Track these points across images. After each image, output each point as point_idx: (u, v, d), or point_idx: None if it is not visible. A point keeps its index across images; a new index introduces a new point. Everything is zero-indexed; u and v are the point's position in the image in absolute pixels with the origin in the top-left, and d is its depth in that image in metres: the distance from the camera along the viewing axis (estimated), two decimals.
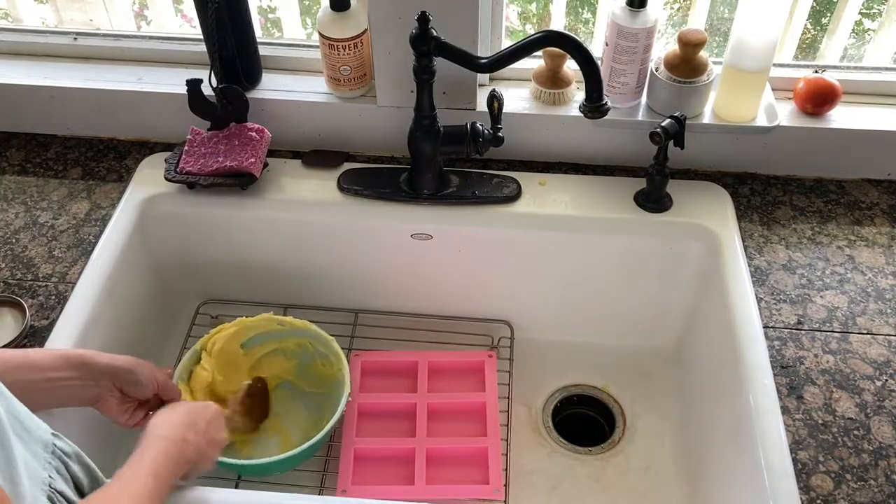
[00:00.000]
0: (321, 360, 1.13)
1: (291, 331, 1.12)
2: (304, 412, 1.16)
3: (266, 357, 1.15)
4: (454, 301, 1.32)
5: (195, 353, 1.06)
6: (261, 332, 1.12)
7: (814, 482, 0.89)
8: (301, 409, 1.16)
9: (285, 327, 1.12)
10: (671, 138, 1.09)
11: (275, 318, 1.11)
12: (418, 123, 1.10)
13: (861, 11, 1.41)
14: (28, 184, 1.24)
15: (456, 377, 1.26)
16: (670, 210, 1.17)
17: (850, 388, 0.98)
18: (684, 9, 1.99)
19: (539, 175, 1.23)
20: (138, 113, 1.27)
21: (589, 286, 1.27)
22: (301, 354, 1.16)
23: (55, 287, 1.09)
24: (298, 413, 1.16)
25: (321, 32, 1.15)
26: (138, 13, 1.66)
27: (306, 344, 1.14)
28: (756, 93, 1.15)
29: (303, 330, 1.12)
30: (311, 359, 1.15)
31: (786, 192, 1.22)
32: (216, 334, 1.08)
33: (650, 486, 1.18)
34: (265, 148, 1.19)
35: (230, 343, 1.09)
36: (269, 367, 1.15)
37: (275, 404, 1.14)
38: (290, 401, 1.16)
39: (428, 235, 1.22)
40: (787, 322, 1.05)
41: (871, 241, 1.15)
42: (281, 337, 1.14)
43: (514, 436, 1.21)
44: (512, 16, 1.97)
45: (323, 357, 1.13)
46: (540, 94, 1.21)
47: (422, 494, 1.10)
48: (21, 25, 1.38)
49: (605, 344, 1.32)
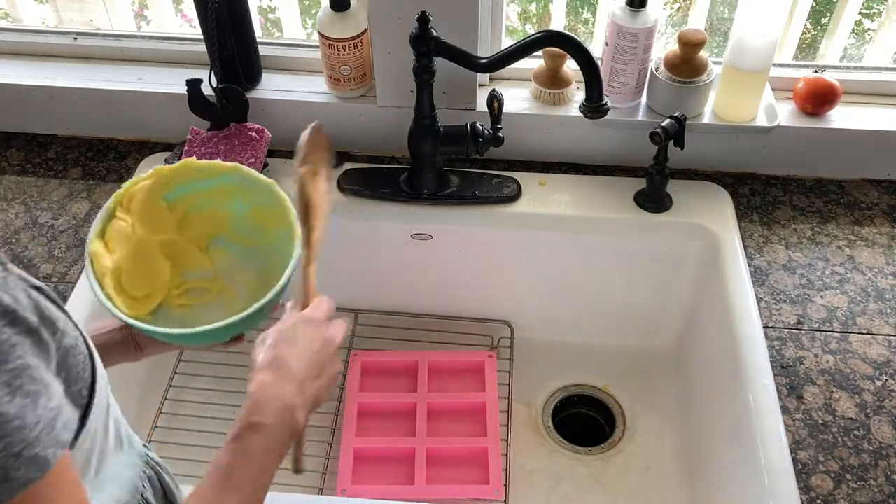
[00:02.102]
0: (260, 208, 0.93)
1: (219, 176, 0.91)
2: (249, 270, 0.95)
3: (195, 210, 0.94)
4: (454, 301, 1.32)
5: (108, 211, 0.86)
6: (184, 181, 0.91)
7: (814, 482, 0.89)
8: (245, 267, 0.95)
9: (208, 173, 0.91)
10: (671, 138, 1.09)
11: (195, 163, 0.90)
12: (418, 123, 1.10)
13: (861, 11, 1.41)
14: (28, 184, 1.24)
15: (456, 377, 1.26)
16: (670, 210, 1.17)
17: (850, 388, 0.98)
18: (684, 9, 1.99)
19: (539, 175, 1.23)
20: (138, 113, 1.27)
21: (589, 286, 1.27)
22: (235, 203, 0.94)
23: (55, 287, 1.09)
24: (243, 271, 0.95)
25: (321, 32, 1.15)
26: (138, 13, 1.66)
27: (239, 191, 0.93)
28: (756, 93, 1.15)
29: (233, 174, 0.90)
30: (247, 208, 0.94)
31: (786, 192, 1.22)
32: (131, 187, 0.87)
33: (650, 486, 1.18)
34: (265, 148, 1.19)
35: (150, 197, 0.89)
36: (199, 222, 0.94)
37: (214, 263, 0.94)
38: (229, 258, 0.95)
39: (428, 235, 1.22)
40: (787, 322, 1.05)
41: (871, 241, 1.15)
42: (208, 186, 0.92)
43: (514, 436, 1.21)
44: (512, 15, 1.97)
45: (263, 205, 0.92)
46: (540, 94, 1.21)
47: (422, 494, 1.10)
48: (21, 25, 1.38)
49: (605, 344, 1.32)
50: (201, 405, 1.21)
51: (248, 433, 0.67)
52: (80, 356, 0.53)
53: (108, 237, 0.84)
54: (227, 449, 0.66)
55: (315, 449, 1.18)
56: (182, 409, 1.22)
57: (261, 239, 0.94)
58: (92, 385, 0.55)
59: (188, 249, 0.92)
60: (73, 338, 0.53)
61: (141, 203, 0.87)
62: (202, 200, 0.92)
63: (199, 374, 1.24)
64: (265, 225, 0.92)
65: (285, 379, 0.71)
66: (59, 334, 0.51)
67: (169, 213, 0.92)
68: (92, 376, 0.55)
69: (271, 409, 0.68)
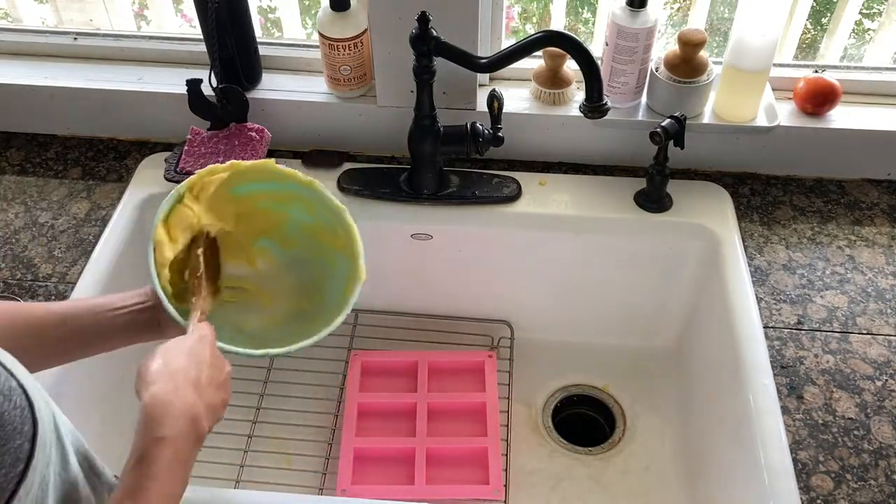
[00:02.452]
0: (323, 224, 0.91)
1: (291, 185, 0.90)
2: (289, 278, 0.94)
3: (259, 209, 0.92)
4: (454, 301, 1.32)
5: (177, 195, 0.85)
6: (257, 179, 0.90)
7: (814, 482, 0.89)
8: (286, 275, 0.94)
9: (282, 178, 0.90)
10: (671, 138, 1.09)
11: (274, 168, 0.89)
12: (418, 123, 1.10)
13: (861, 11, 1.41)
14: (28, 184, 1.24)
15: (456, 377, 1.26)
16: (670, 210, 1.17)
17: (850, 388, 0.98)
18: (684, 9, 1.99)
19: (539, 175, 1.23)
20: (138, 113, 1.27)
21: (589, 286, 1.27)
22: (296, 210, 0.92)
23: (55, 287, 1.09)
24: (283, 278, 0.93)
25: (321, 32, 1.15)
26: (138, 13, 1.66)
27: (306, 203, 0.91)
28: (756, 93, 1.15)
29: (305, 187, 0.89)
30: (308, 219, 0.92)
31: (786, 192, 1.22)
32: (207, 176, 0.86)
33: (650, 486, 1.18)
34: (265, 148, 1.19)
35: (221, 188, 0.88)
36: (258, 220, 0.93)
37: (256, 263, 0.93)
38: (273, 261, 0.94)
39: (428, 235, 1.22)
40: (787, 322, 1.05)
41: (871, 241, 1.15)
42: (279, 189, 0.91)
43: (514, 436, 1.21)
44: (514, 15, 1.97)
45: (325, 223, 0.91)
46: (540, 94, 1.21)
47: (422, 494, 1.10)
48: (21, 25, 1.38)
49: (605, 344, 1.32)
50: None
51: (152, 450, 0.62)
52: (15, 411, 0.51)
53: (172, 223, 0.84)
54: (133, 470, 0.62)
55: (315, 449, 1.18)
56: None
57: (312, 252, 0.92)
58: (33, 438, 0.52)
59: (236, 244, 0.91)
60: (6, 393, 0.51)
61: (211, 195, 0.86)
62: (265, 200, 0.91)
63: None
64: (321, 241, 0.91)
65: (181, 387, 0.66)
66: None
67: (232, 204, 0.90)
68: (33, 429, 0.53)
69: (172, 419, 0.64)
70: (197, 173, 0.85)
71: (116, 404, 1.18)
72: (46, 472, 0.55)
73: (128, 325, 0.79)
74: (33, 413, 0.53)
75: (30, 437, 0.52)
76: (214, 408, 0.70)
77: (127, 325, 0.79)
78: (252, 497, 0.90)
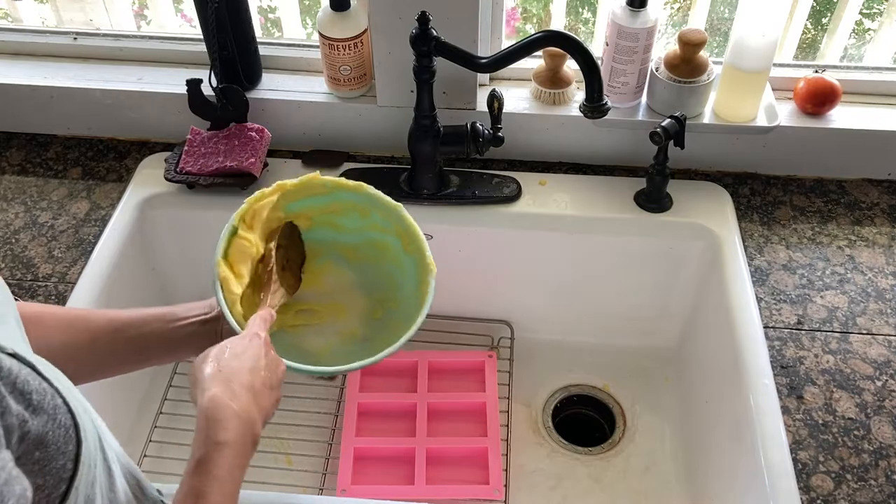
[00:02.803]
0: (380, 229, 0.90)
1: (340, 194, 0.88)
2: (358, 290, 0.92)
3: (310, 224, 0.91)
4: (454, 301, 1.32)
5: (230, 229, 0.82)
6: (305, 195, 0.88)
7: (814, 482, 0.89)
8: (354, 286, 0.92)
9: (331, 188, 0.88)
10: (671, 138, 1.09)
11: (320, 180, 0.87)
12: (418, 123, 1.10)
13: (861, 11, 1.41)
14: (28, 184, 1.24)
15: (456, 377, 1.26)
16: (670, 210, 1.17)
17: (851, 388, 0.98)
18: (684, 9, 1.99)
19: (539, 175, 1.23)
20: (138, 113, 1.27)
21: (589, 286, 1.27)
22: (350, 219, 0.91)
23: (55, 287, 1.09)
24: (351, 291, 0.92)
25: (321, 32, 1.15)
26: (138, 13, 1.66)
27: (360, 210, 0.90)
28: (756, 93, 1.15)
29: (354, 192, 0.88)
30: (363, 224, 0.91)
31: (786, 192, 1.22)
32: (255, 203, 0.84)
33: (650, 486, 1.18)
34: (265, 148, 1.19)
35: (273, 212, 0.86)
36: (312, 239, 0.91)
37: (323, 281, 0.91)
38: (338, 275, 0.92)
39: (428, 235, 1.21)
40: (787, 322, 1.05)
41: (872, 241, 1.15)
42: (330, 202, 0.89)
43: (514, 436, 1.21)
44: (518, 14, 1.97)
45: (383, 225, 0.90)
46: (540, 94, 1.21)
47: (422, 494, 1.10)
48: (21, 25, 1.38)
49: (605, 344, 1.32)
50: None
51: (213, 453, 0.63)
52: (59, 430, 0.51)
53: (232, 258, 0.81)
54: (195, 473, 0.62)
55: (315, 449, 1.18)
56: (181, 408, 1.22)
57: (375, 258, 0.91)
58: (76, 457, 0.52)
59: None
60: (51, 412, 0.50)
61: (264, 222, 0.84)
62: (319, 214, 0.89)
63: None
64: (380, 247, 0.90)
65: (238, 392, 0.66)
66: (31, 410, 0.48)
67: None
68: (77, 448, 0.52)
69: (231, 424, 0.64)
70: (246, 201, 0.83)
71: (123, 405, 1.18)
72: (91, 492, 0.55)
73: (190, 337, 0.79)
74: (77, 432, 0.52)
75: (73, 457, 0.51)
76: (267, 410, 0.70)
77: (189, 337, 0.79)
78: (252, 497, 0.90)
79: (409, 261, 0.87)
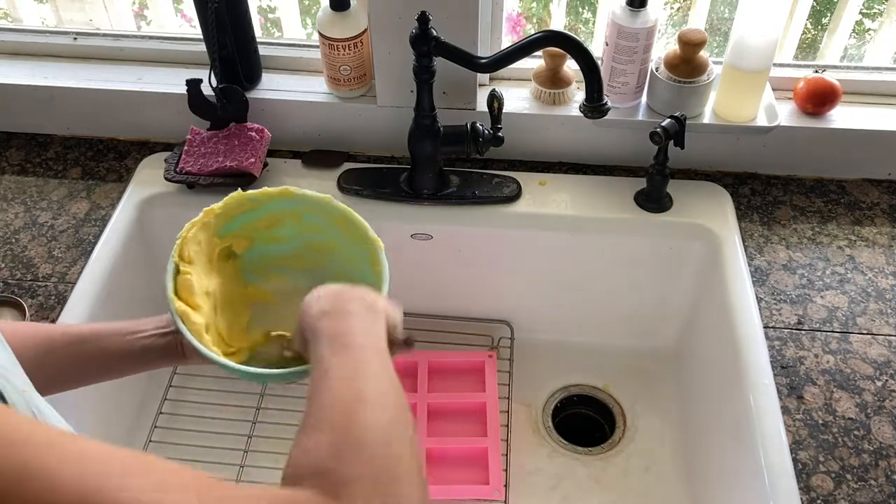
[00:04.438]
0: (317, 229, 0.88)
1: (270, 204, 0.86)
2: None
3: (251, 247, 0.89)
4: (454, 301, 1.32)
5: (173, 269, 0.81)
6: (234, 215, 0.86)
7: (814, 482, 0.89)
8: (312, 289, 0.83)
9: (258, 202, 0.86)
10: (671, 138, 1.09)
11: (245, 195, 0.85)
12: (418, 123, 1.10)
13: (861, 11, 1.41)
14: (28, 184, 1.24)
15: (456, 377, 1.26)
16: (670, 210, 1.17)
17: (851, 388, 0.98)
18: (684, 9, 1.99)
19: (539, 175, 1.23)
20: (138, 113, 1.27)
21: (589, 286, 1.26)
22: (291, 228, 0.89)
23: (55, 287, 1.09)
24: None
25: (321, 32, 1.15)
26: (138, 13, 1.66)
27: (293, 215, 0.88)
28: (756, 93, 1.15)
29: (282, 198, 0.85)
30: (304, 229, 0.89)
31: (786, 192, 1.22)
32: (186, 234, 0.83)
33: (650, 486, 1.18)
34: (265, 148, 1.19)
35: (207, 238, 0.85)
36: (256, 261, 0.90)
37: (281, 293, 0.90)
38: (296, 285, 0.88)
39: (428, 235, 1.22)
40: (787, 322, 1.05)
41: (872, 241, 1.15)
42: (262, 214, 0.87)
43: (514, 436, 1.21)
44: (524, 21, 1.97)
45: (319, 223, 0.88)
46: (540, 94, 1.21)
47: None
48: (21, 25, 1.37)
49: (606, 344, 1.32)
50: (200, 405, 1.21)
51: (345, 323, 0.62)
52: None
53: (183, 294, 0.80)
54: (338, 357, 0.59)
55: None
56: (181, 408, 1.22)
57: (320, 259, 0.89)
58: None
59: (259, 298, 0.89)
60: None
61: (204, 252, 0.84)
62: (255, 231, 0.88)
63: (198, 374, 1.23)
64: (320, 246, 0.89)
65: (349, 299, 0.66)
66: None
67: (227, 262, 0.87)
68: None
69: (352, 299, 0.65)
70: (178, 236, 0.82)
71: (116, 403, 1.18)
72: None
73: (148, 349, 0.79)
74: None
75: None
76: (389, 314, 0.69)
77: (147, 349, 0.79)
78: None
79: (355, 248, 0.86)
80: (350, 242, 0.87)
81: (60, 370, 0.77)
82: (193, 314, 0.78)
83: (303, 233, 0.89)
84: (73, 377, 0.80)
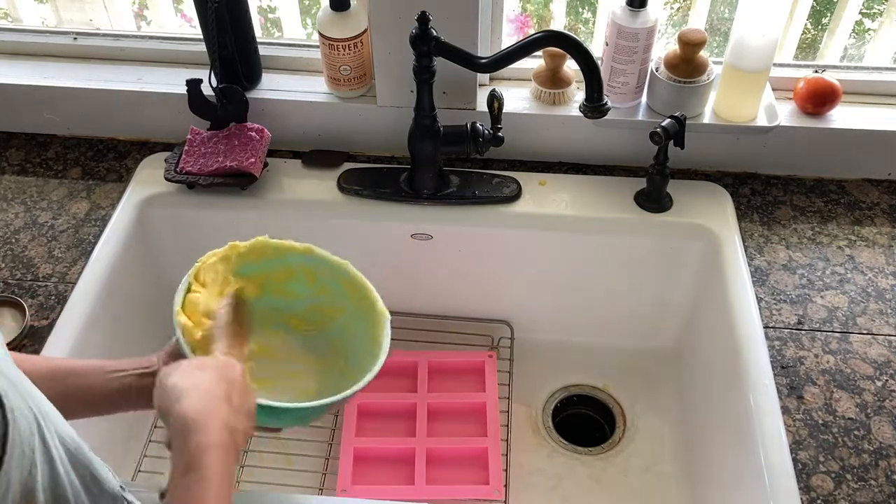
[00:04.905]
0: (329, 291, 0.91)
1: (291, 256, 0.89)
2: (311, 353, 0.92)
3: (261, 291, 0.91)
4: (454, 301, 1.32)
5: (186, 286, 0.85)
6: (257, 259, 0.89)
7: (814, 482, 0.89)
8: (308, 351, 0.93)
9: (280, 253, 0.89)
10: (671, 138, 1.09)
11: (270, 244, 0.88)
12: (418, 123, 1.10)
13: (861, 11, 1.41)
14: (28, 184, 1.24)
15: (456, 377, 1.26)
16: (670, 210, 1.17)
17: (851, 388, 0.98)
18: (684, 9, 1.99)
19: (539, 175, 1.23)
20: (138, 113, 1.27)
21: (589, 286, 1.26)
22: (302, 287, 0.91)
23: (55, 287, 1.09)
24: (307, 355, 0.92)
25: (321, 32, 1.15)
26: (138, 13, 1.66)
27: (308, 273, 0.91)
28: (756, 93, 1.15)
29: (303, 255, 0.89)
30: (316, 290, 0.91)
31: (786, 192, 1.22)
32: (204, 262, 0.86)
33: (650, 486, 1.18)
34: (265, 148, 1.19)
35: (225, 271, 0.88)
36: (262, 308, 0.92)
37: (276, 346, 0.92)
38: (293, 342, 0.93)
39: (428, 235, 1.22)
40: (787, 322, 1.05)
41: (872, 241, 1.15)
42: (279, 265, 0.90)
43: (514, 436, 1.21)
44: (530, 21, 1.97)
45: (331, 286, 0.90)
46: (540, 94, 1.21)
47: (422, 494, 1.10)
48: (21, 25, 1.37)
49: (605, 344, 1.32)
50: None
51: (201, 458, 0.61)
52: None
53: (188, 311, 0.82)
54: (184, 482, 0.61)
55: (315, 449, 1.18)
56: None
57: (322, 325, 0.91)
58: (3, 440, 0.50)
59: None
60: None
61: (219, 282, 0.86)
62: (268, 281, 0.90)
63: None
64: (328, 313, 0.91)
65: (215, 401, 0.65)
66: None
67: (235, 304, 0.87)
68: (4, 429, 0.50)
69: (214, 428, 0.63)
70: (199, 260, 0.86)
71: None
72: (29, 479, 0.53)
73: (126, 389, 0.78)
74: (3, 413, 0.50)
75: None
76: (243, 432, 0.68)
77: (125, 389, 0.78)
78: (252, 497, 0.90)
79: (360, 318, 0.88)
80: (356, 311, 0.89)
81: None
82: (193, 328, 0.80)
83: (314, 294, 0.91)
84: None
